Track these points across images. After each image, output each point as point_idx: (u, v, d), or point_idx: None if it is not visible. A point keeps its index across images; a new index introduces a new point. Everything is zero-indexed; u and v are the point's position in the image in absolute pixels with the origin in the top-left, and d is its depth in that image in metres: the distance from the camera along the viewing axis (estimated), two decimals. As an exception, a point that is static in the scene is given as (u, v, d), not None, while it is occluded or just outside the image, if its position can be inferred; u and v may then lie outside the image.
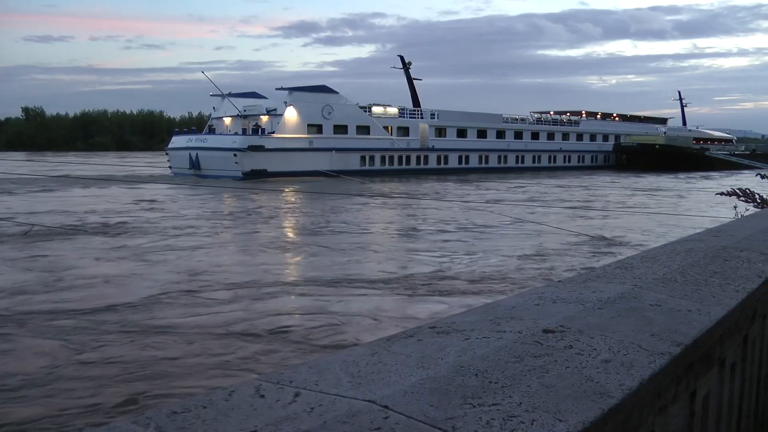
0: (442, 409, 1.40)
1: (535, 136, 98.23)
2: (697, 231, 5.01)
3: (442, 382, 1.53)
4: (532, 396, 1.49)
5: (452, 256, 21.59)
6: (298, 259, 21.52)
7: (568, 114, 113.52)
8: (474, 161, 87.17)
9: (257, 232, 27.55)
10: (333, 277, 17.71)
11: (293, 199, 45.10)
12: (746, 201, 14.25)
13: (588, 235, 28.97)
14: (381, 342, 1.82)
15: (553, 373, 1.61)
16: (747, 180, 21.21)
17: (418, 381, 1.53)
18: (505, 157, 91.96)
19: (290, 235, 27.74)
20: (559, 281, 2.70)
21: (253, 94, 78.52)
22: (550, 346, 1.79)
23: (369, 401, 1.43)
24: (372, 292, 16.22)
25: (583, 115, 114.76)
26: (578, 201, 45.98)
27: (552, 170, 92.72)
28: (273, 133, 68.88)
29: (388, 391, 1.48)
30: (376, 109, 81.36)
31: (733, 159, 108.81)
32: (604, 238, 27.53)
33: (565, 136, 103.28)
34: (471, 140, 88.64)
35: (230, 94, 75.49)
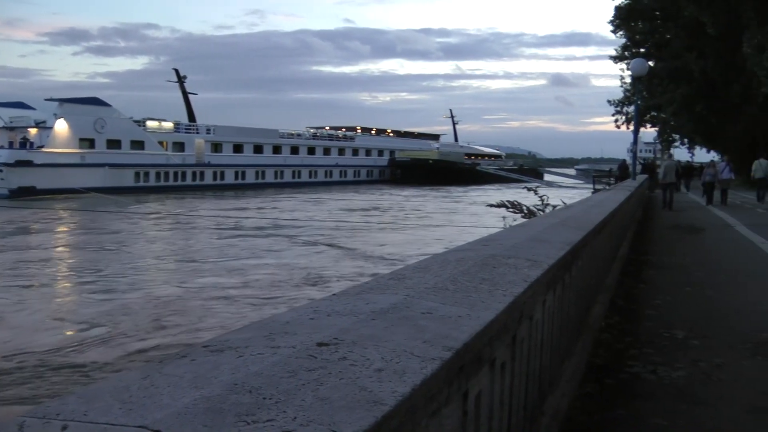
0: (216, 429, 1.37)
1: (311, 151, 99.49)
2: (468, 241, 5.23)
3: (216, 401, 1.50)
4: (306, 409, 1.49)
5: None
6: None
7: (343, 129, 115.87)
8: (251, 177, 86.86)
9: None
10: None
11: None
12: (514, 212, 15.15)
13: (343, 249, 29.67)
14: (153, 365, 1.76)
15: (328, 386, 1.62)
16: (515, 193, 22.55)
17: (192, 402, 1.49)
18: (282, 172, 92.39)
19: None
20: (334, 294, 2.72)
21: (21, 105, 73.99)
22: (324, 358, 1.80)
23: (141, 426, 1.37)
24: None
25: (359, 131, 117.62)
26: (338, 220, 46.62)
27: (328, 185, 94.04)
28: (42, 147, 65.50)
29: (161, 414, 1.43)
30: (150, 124, 79.46)
31: (502, 173, 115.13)
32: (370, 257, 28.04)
33: (341, 151, 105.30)
34: (247, 155, 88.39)
35: (-6, 103, 70.90)
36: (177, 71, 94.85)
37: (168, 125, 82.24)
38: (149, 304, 18.99)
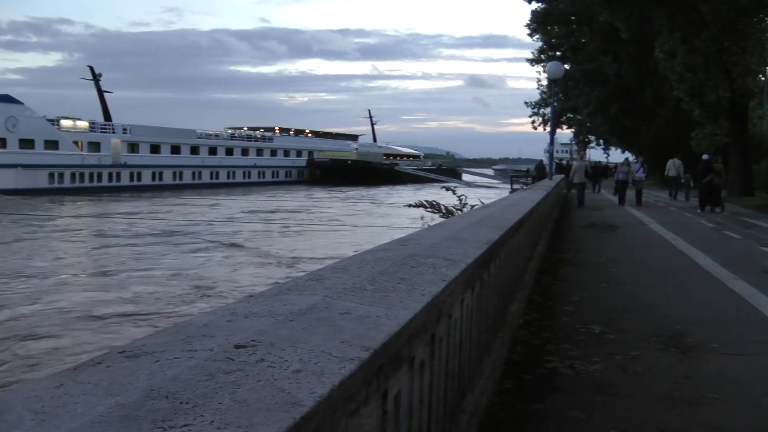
0: (132, 436, 1.36)
1: (229, 151, 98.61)
2: (387, 241, 5.25)
3: (132, 408, 1.47)
4: (224, 413, 1.48)
5: None
6: None
7: (262, 130, 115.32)
8: (168, 178, 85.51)
9: None
10: None
11: None
12: (432, 211, 15.24)
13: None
14: (67, 372, 1.72)
15: (246, 388, 1.61)
16: (433, 193, 22.47)
17: (107, 410, 1.46)
18: (200, 173, 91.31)
19: None
20: (251, 296, 2.71)
21: (-75, 102, 71.09)
22: (242, 361, 1.79)
23: (54, 437, 1.34)
24: None
25: (277, 131, 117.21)
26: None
27: (247, 186, 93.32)
28: (-51, 146, 63.23)
29: (75, 424, 1.40)
30: (65, 123, 77.50)
31: (421, 173, 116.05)
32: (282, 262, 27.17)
33: (260, 152, 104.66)
34: (165, 156, 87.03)
35: None
36: (92, 68, 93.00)
37: (83, 124, 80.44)
38: (2, 327, 16.44)
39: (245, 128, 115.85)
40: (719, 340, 7.88)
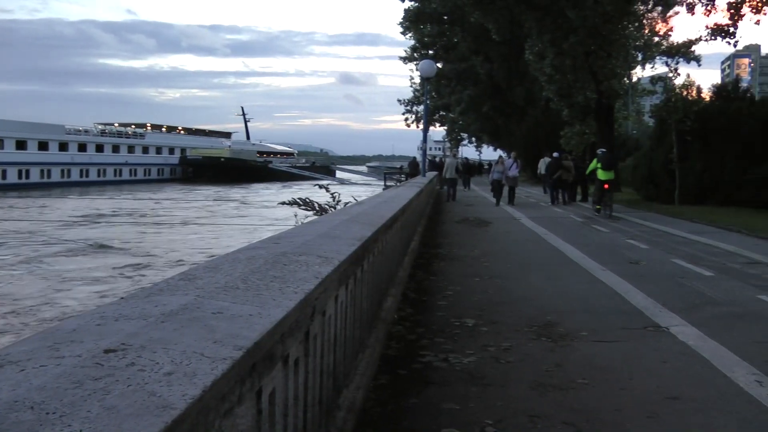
0: (-5, 451, 1.31)
1: (99, 148, 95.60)
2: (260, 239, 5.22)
3: (-5, 421, 1.43)
4: (93, 421, 1.44)
5: None
6: None
7: (133, 126, 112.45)
8: (35, 176, 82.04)
9: None
10: None
11: None
12: (306, 209, 15.19)
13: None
14: None
15: (115, 394, 1.58)
16: (307, 190, 22.11)
17: (-34, 425, 1.41)
18: (69, 171, 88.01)
19: None
20: (122, 297, 2.66)
21: None
22: (111, 365, 1.75)
23: None
24: None
25: (149, 128, 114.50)
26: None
27: (118, 184, 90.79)
28: None
29: (-70, 442, 1.35)
30: None
31: (295, 171, 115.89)
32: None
33: (131, 149, 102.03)
34: (31, 152, 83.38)
35: None
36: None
37: (-60, 119, 76.66)
38: None
39: (116, 124, 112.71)
40: (588, 328, 8.20)
